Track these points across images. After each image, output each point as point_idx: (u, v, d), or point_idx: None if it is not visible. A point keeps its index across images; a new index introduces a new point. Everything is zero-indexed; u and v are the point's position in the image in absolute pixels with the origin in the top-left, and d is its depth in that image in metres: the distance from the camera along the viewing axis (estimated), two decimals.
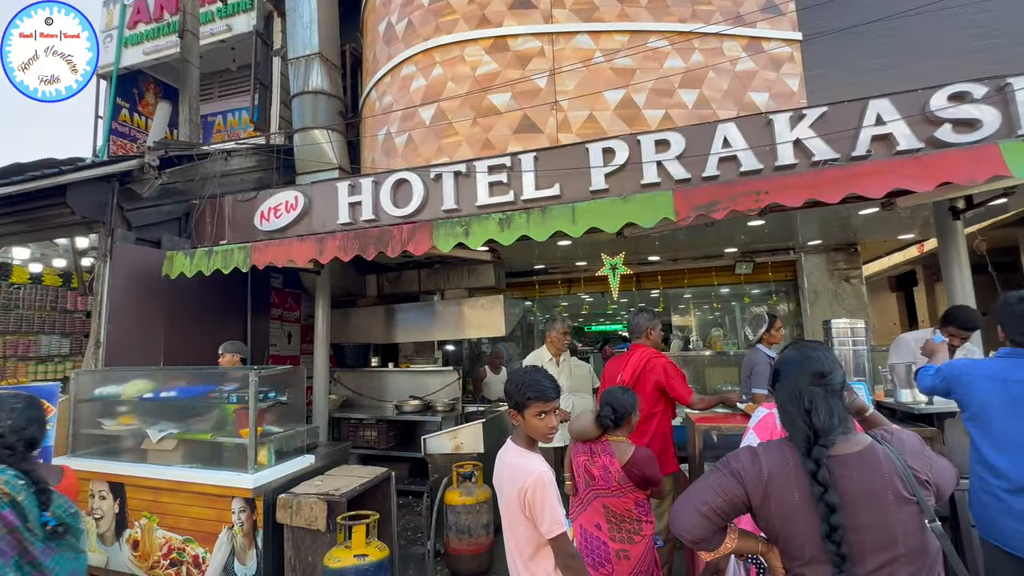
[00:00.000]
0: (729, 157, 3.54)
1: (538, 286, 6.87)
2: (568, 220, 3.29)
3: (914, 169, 2.74)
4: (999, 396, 1.83)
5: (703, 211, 3.06)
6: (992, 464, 1.84)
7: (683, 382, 3.01)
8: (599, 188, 3.72)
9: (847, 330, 2.90)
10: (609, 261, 4.55)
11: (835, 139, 3.31)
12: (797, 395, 1.30)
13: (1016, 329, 1.84)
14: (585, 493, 2.31)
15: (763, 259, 6.04)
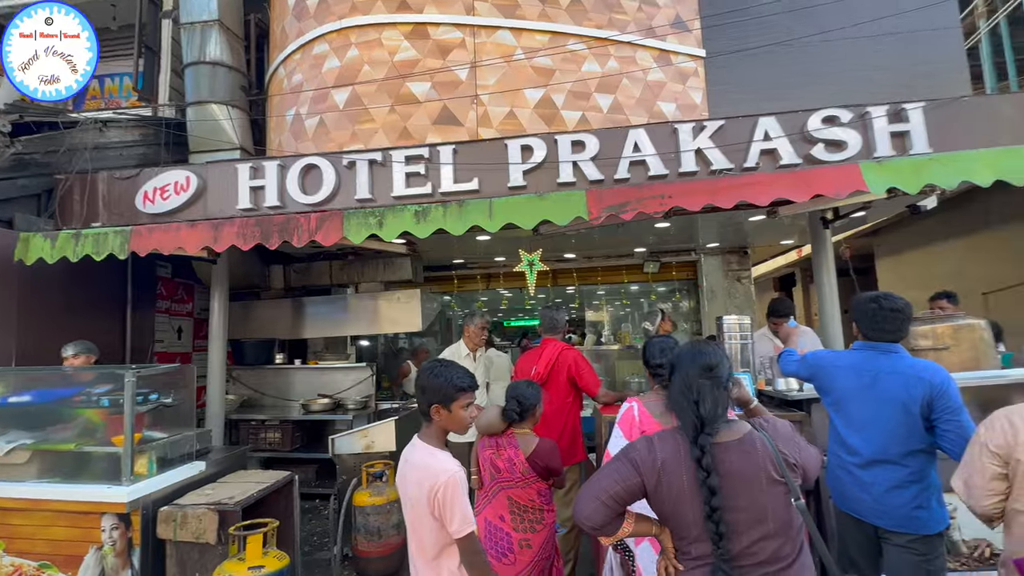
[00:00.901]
0: (639, 161, 3.74)
1: (457, 281, 6.83)
2: (485, 215, 3.30)
3: (793, 182, 3.08)
4: (854, 384, 2.10)
5: (614, 211, 3.21)
6: (847, 442, 2.11)
7: (592, 374, 3.15)
8: (517, 184, 3.77)
9: (736, 325, 3.19)
10: (527, 258, 4.65)
11: (730, 151, 3.63)
12: (688, 387, 1.41)
13: (867, 326, 2.13)
14: (491, 486, 2.34)
15: (668, 259, 6.46)
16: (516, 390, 2.42)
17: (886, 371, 2.02)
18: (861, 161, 3.24)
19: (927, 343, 2.94)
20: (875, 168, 3.08)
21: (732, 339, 3.23)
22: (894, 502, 1.95)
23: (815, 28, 4.67)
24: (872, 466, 2.00)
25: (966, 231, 6.60)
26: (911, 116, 3.48)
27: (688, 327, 7.29)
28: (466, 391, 1.65)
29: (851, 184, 3.00)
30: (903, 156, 3.32)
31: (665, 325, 4.07)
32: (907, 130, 3.47)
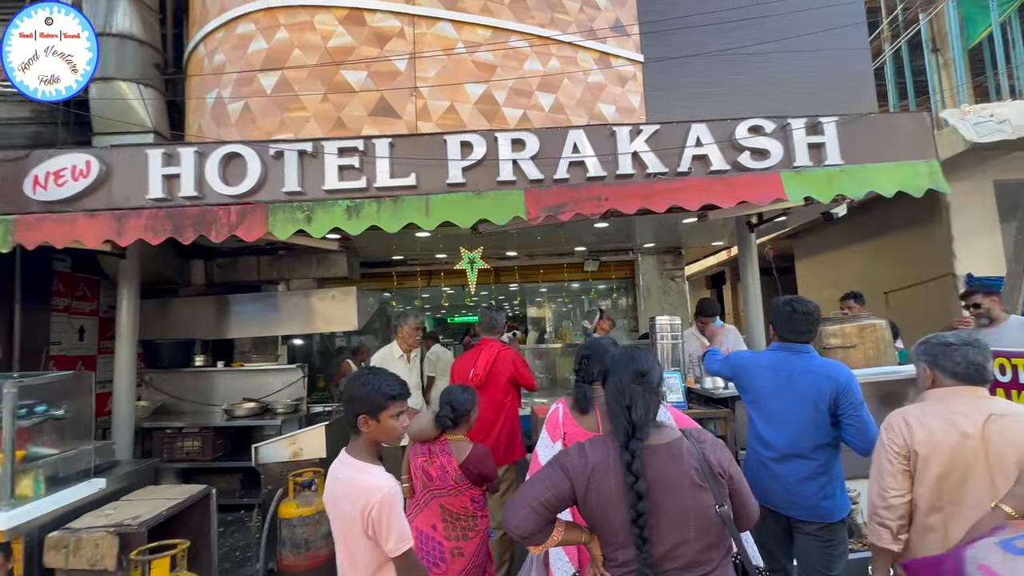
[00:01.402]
0: (578, 162, 3.76)
1: (396, 278, 6.66)
2: (422, 212, 3.21)
3: (721, 189, 3.23)
4: (771, 382, 2.22)
5: (552, 212, 3.21)
6: (763, 438, 2.23)
7: (529, 373, 3.18)
8: (456, 182, 3.68)
9: (667, 325, 3.31)
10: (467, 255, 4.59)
11: (665, 155, 3.72)
12: (620, 392, 1.42)
13: (782, 328, 2.25)
14: (422, 494, 2.27)
15: (607, 258, 6.61)
16: (450, 395, 2.37)
17: (799, 370, 2.15)
18: (782, 170, 3.44)
19: (836, 341, 3.18)
20: (794, 178, 3.27)
21: (664, 339, 3.33)
22: (804, 492, 2.08)
23: (746, 40, 4.91)
24: (785, 460, 2.12)
25: (871, 235, 7.24)
26: (826, 129, 3.71)
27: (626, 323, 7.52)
28: (396, 399, 1.57)
29: (773, 192, 3.16)
30: (818, 167, 3.54)
31: (603, 324, 4.18)
32: (822, 142, 3.70)
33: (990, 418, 1.54)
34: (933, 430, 1.58)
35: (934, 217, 6.04)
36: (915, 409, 1.67)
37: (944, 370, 1.66)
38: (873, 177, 3.28)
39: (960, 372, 1.63)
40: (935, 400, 1.66)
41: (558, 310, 8.43)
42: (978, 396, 1.63)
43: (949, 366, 1.65)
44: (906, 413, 1.67)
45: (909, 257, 6.62)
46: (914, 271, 6.52)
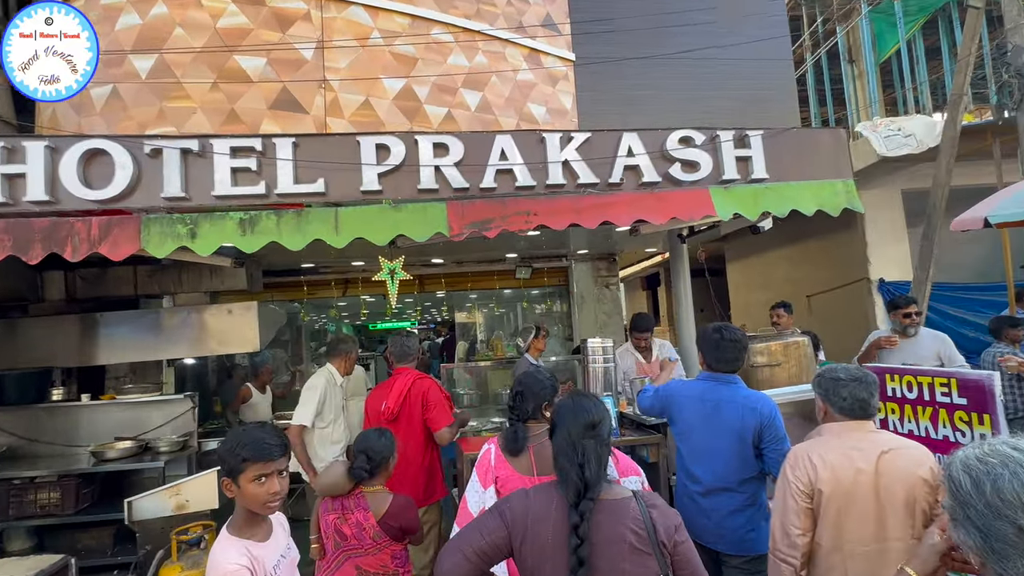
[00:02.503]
0: (506, 170, 3.74)
1: (307, 287, 6.35)
2: (330, 227, 3.07)
3: (652, 205, 3.37)
4: (698, 413, 2.33)
5: (476, 228, 3.19)
6: (691, 471, 2.34)
7: (443, 409, 3.08)
8: (371, 189, 3.52)
9: (599, 348, 3.39)
10: (387, 265, 4.42)
11: (596, 164, 3.79)
12: (571, 447, 1.43)
13: (710, 356, 2.37)
14: (335, 555, 2.16)
15: (540, 265, 6.70)
16: (365, 442, 2.27)
17: (725, 401, 2.27)
18: (711, 186, 3.64)
19: (763, 359, 3.41)
20: (723, 194, 3.48)
21: (596, 362, 3.41)
22: (731, 526, 2.21)
23: (679, 46, 5.14)
24: (712, 494, 2.24)
25: (795, 241, 7.93)
26: (752, 142, 3.96)
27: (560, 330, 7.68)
28: (252, 461, 1.44)
29: (702, 209, 3.35)
30: (745, 181, 3.78)
31: (538, 343, 4.19)
32: (749, 155, 3.94)
33: (882, 454, 1.68)
34: (835, 467, 1.69)
35: (850, 225, 6.71)
36: (818, 445, 1.78)
37: (834, 405, 1.80)
38: (796, 195, 3.55)
39: (847, 408, 1.77)
40: (832, 434, 1.79)
41: (489, 317, 8.44)
42: (867, 430, 1.77)
43: (837, 402, 1.78)
44: (810, 450, 1.77)
45: (829, 262, 7.31)
46: (834, 275, 7.22)
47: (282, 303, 6.67)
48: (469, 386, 6.41)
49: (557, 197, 3.61)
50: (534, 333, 4.16)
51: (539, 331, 4.18)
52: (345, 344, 3.89)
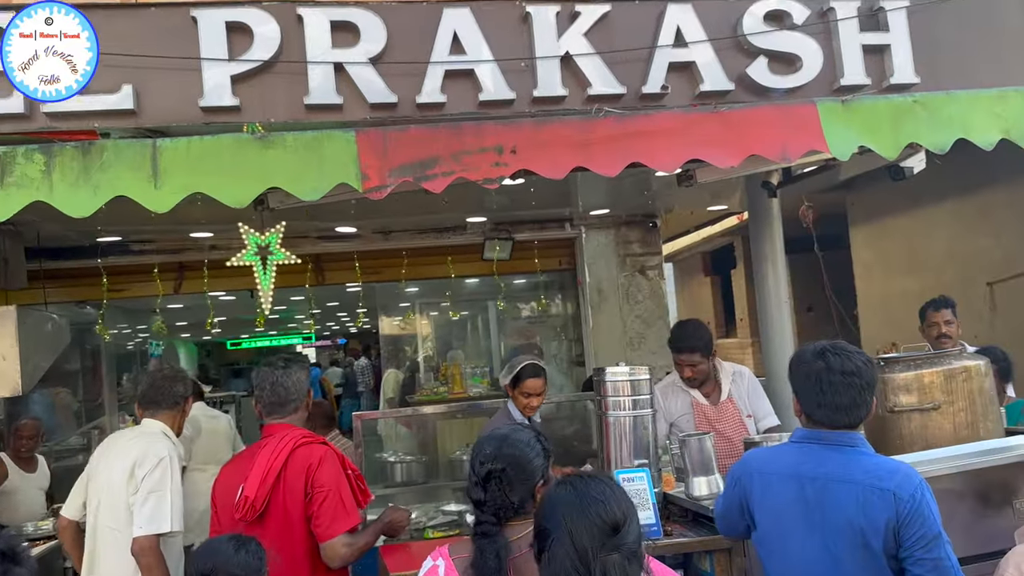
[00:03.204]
0: (462, 71, 3.73)
1: (109, 279, 6.26)
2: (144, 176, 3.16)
3: (716, 133, 3.41)
4: (794, 502, 2.34)
5: (411, 176, 3.22)
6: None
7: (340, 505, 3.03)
8: (220, 103, 3.53)
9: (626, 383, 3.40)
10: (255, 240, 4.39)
11: (621, 63, 3.79)
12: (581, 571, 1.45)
13: (809, 400, 2.38)
14: None
15: (527, 235, 6.73)
16: (212, 559, 2.28)
17: (837, 479, 2.29)
18: (820, 100, 3.66)
19: (910, 399, 3.45)
20: (839, 113, 3.51)
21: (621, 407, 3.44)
22: None
23: None
24: None
25: (967, 189, 7.98)
26: (891, 21, 4.00)
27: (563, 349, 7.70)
28: None
29: (805, 140, 3.38)
30: (880, 91, 3.83)
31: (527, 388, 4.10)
32: (886, 44, 3.99)
33: None
34: None
35: None
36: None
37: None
38: (965, 114, 3.60)
39: None
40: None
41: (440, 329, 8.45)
42: None
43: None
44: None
45: (1022, 227, 7.40)
46: None
47: (65, 307, 6.60)
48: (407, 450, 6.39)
49: (552, 121, 3.60)
50: (517, 370, 4.03)
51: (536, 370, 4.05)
52: (176, 385, 3.91)
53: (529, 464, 2.09)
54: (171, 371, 4.19)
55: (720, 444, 3.72)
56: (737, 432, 4.14)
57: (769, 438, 3.58)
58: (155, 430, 3.76)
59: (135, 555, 3.37)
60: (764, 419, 4.34)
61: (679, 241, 11.11)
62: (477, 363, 7.83)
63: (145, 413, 3.85)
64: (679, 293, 13.75)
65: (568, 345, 7.33)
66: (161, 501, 3.44)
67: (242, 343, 11.50)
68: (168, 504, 3.45)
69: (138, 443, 3.65)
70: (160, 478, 3.49)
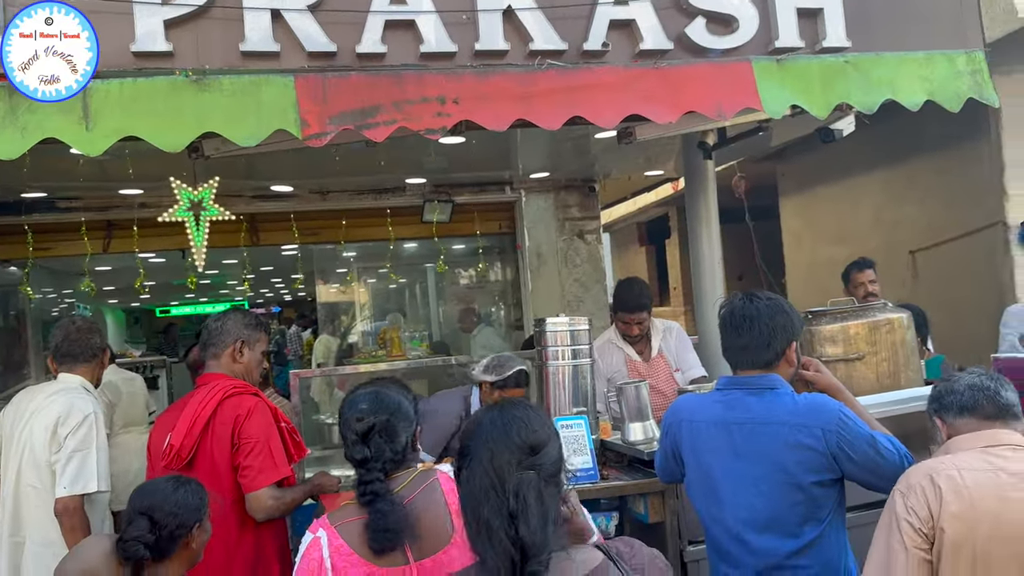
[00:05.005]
0: (403, 22, 3.72)
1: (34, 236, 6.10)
2: (75, 118, 3.15)
3: (657, 90, 3.49)
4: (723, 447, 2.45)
5: (351, 124, 3.22)
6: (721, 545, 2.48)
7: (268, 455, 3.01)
8: (153, 49, 3.50)
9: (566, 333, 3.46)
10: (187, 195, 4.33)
11: (562, 18, 3.82)
12: (497, 487, 1.45)
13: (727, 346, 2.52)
14: None
15: (467, 198, 6.76)
16: (150, 498, 2.26)
17: (760, 420, 2.40)
18: (755, 58, 3.76)
19: (837, 350, 3.61)
20: (773, 72, 3.63)
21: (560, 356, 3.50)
22: None
23: None
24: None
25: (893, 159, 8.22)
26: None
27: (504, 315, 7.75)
28: None
29: (740, 97, 3.49)
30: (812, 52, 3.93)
31: None
32: (819, 7, 4.09)
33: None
34: (972, 495, 1.89)
35: (978, 134, 7.03)
36: (945, 463, 1.99)
37: (951, 409, 2.11)
38: (892, 76, 3.76)
39: (969, 403, 2.07)
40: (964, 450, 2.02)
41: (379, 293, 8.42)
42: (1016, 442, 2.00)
43: (955, 401, 2.10)
44: (934, 469, 1.98)
45: (944, 197, 7.65)
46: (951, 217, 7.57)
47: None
48: None
49: (494, 73, 3.63)
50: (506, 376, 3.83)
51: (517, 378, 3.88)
52: (92, 336, 3.82)
53: (408, 411, 2.12)
54: (85, 323, 4.05)
55: (653, 398, 3.81)
56: (668, 385, 4.30)
57: (699, 387, 3.68)
58: (74, 384, 3.64)
59: (58, 515, 3.28)
60: (690, 370, 4.52)
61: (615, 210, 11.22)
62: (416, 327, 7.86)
63: (61, 368, 3.71)
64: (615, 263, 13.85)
65: (507, 309, 7.41)
66: (87, 459, 3.34)
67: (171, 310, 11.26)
68: (94, 462, 3.36)
69: (59, 400, 3.50)
70: (85, 436, 3.39)
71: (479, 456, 1.51)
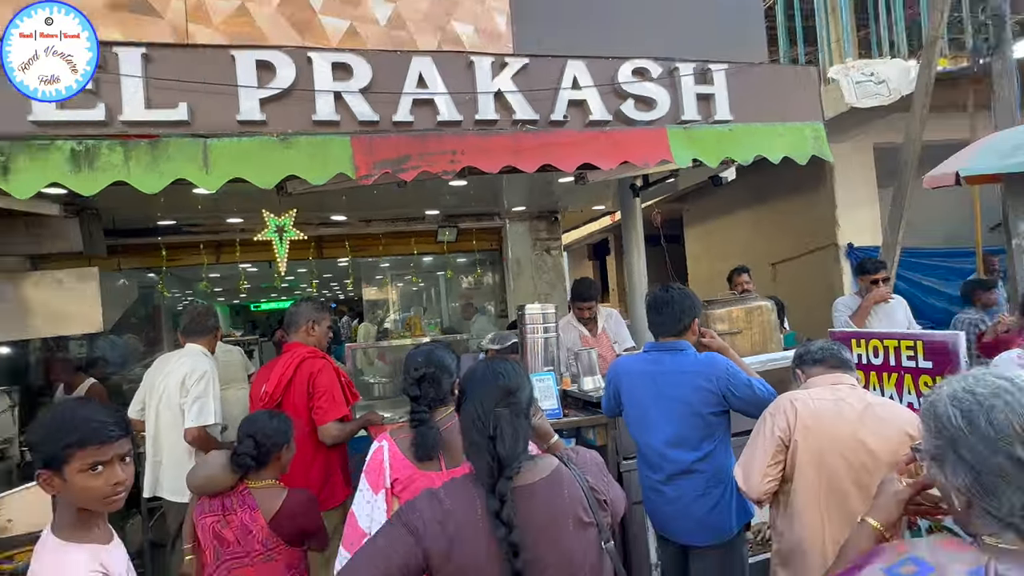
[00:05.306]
0: (426, 100, 3.70)
1: (167, 252, 5.99)
2: (197, 165, 2.95)
3: (602, 145, 3.51)
4: (646, 392, 2.50)
5: (390, 169, 3.17)
6: (648, 458, 2.53)
7: (332, 398, 3.03)
8: (252, 119, 3.36)
9: (539, 315, 3.49)
10: (274, 221, 4.32)
11: (536, 98, 3.84)
12: (482, 419, 1.43)
13: (651, 321, 2.57)
14: (214, 568, 2.13)
15: (468, 224, 6.74)
16: (253, 426, 2.25)
17: (672, 371, 2.46)
18: (669, 126, 3.82)
19: (724, 327, 3.67)
20: (681, 136, 3.65)
21: (535, 331, 3.53)
22: (697, 513, 2.40)
23: None
24: (673, 480, 2.42)
25: (760, 200, 8.41)
26: (715, 78, 4.16)
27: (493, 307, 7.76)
28: (83, 446, 1.35)
29: (658, 153, 3.51)
30: (707, 123, 3.98)
31: None
32: (712, 93, 4.14)
33: (868, 406, 1.97)
34: (818, 414, 1.98)
35: (819, 184, 7.20)
36: (803, 392, 2.08)
37: (807, 362, 2.18)
38: (761, 140, 3.82)
39: (820, 356, 2.15)
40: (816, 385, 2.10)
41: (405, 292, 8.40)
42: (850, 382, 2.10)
43: (811, 356, 2.17)
44: (795, 396, 2.06)
45: (795, 227, 7.85)
46: (800, 241, 7.76)
47: (133, 273, 6.30)
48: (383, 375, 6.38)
49: (489, 135, 3.63)
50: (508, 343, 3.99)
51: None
52: (209, 318, 3.82)
53: (449, 367, 2.10)
54: (204, 308, 4.04)
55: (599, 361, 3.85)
56: (609, 352, 4.33)
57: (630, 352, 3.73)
58: (196, 351, 3.63)
59: (190, 442, 3.29)
60: (624, 342, 4.54)
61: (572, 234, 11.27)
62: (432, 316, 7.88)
63: (187, 340, 3.70)
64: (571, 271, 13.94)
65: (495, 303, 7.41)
66: (205, 403, 3.34)
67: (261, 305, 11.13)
68: (210, 405, 3.36)
69: (186, 361, 3.51)
70: (204, 386, 3.39)
71: (471, 396, 1.51)
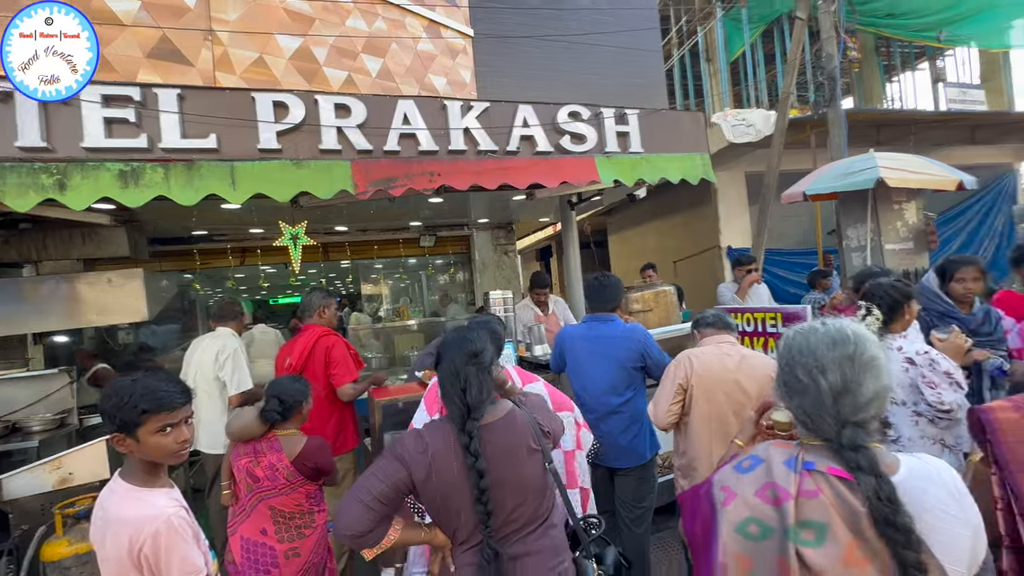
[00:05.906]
0: (409, 134, 3.65)
1: (200, 257, 5.73)
2: (226, 183, 2.82)
3: (546, 169, 3.52)
4: (584, 350, 2.54)
5: (382, 186, 3.11)
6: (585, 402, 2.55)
7: (345, 366, 2.98)
8: (270, 147, 3.26)
9: (500, 299, 3.50)
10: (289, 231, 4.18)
11: (495, 133, 3.84)
12: (455, 374, 1.43)
13: (592, 300, 2.61)
14: (248, 499, 2.06)
15: (444, 233, 6.66)
16: (278, 387, 2.17)
17: (605, 336, 2.50)
18: (596, 155, 3.86)
19: (639, 306, 3.76)
20: (605, 162, 3.71)
21: (497, 311, 3.52)
22: (622, 443, 2.45)
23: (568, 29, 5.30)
24: (604, 419, 2.46)
25: (664, 214, 8.63)
26: (630, 120, 4.24)
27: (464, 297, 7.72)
28: (154, 412, 1.30)
29: (589, 175, 3.56)
30: (624, 153, 4.06)
31: None
32: (627, 131, 4.22)
33: (743, 358, 2.10)
34: (708, 365, 2.08)
35: (706, 202, 7.45)
36: (696, 349, 2.19)
37: (701, 326, 2.29)
38: (664, 165, 3.90)
39: (710, 321, 2.27)
40: (707, 343, 2.20)
41: (395, 286, 8.25)
42: (732, 341, 2.19)
43: (703, 321, 2.28)
44: (692, 353, 2.16)
45: (690, 233, 8.08)
46: (693, 244, 8.00)
47: (171, 274, 5.98)
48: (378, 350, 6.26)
49: (459, 160, 3.62)
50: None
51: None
52: (235, 306, 3.65)
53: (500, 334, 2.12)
54: (230, 298, 3.87)
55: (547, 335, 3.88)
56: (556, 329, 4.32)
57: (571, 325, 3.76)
58: (226, 333, 3.44)
59: (235, 405, 3.16)
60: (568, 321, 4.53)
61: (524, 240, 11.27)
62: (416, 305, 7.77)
63: (218, 324, 3.50)
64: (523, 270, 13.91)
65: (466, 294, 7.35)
66: (240, 373, 3.22)
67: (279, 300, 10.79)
68: (245, 374, 3.23)
69: (218, 341, 3.32)
70: (236, 361, 3.25)
71: (446, 357, 1.49)
